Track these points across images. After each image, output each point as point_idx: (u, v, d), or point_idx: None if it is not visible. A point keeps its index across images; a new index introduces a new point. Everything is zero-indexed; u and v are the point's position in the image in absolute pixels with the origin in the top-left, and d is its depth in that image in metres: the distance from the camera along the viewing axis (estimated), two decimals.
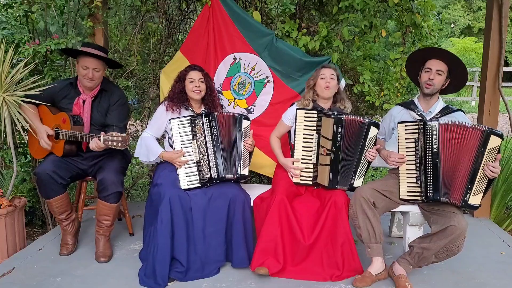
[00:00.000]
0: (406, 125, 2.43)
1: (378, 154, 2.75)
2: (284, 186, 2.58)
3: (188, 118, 2.58)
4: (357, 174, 2.55)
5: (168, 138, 2.74)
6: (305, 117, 2.57)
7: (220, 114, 2.65)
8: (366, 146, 2.52)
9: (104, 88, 2.80)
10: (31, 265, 2.62)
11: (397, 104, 2.77)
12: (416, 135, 2.39)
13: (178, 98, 2.71)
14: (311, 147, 2.59)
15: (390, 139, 2.77)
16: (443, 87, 2.56)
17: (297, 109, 2.60)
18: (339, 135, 2.48)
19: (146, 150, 2.68)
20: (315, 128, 2.57)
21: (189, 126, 2.58)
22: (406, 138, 2.43)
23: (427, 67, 2.53)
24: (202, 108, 2.79)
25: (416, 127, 2.38)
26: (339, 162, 2.52)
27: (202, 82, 2.72)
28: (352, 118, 2.52)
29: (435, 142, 2.33)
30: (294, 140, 2.63)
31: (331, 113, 2.52)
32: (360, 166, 2.55)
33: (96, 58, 2.69)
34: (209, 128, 2.60)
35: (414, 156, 2.41)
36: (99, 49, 2.76)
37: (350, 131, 2.51)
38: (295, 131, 2.61)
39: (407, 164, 2.44)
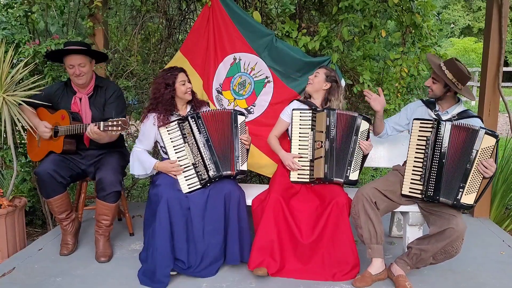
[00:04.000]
0: (421, 123, 2.45)
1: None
2: (280, 185, 2.61)
3: (176, 123, 2.56)
4: (352, 166, 2.60)
5: (161, 147, 2.71)
6: (300, 116, 2.69)
7: (205, 113, 2.61)
8: (359, 139, 2.60)
9: (98, 84, 2.80)
10: (31, 265, 2.62)
11: (420, 99, 2.74)
12: (428, 134, 2.40)
13: (167, 108, 2.61)
14: (307, 145, 2.67)
15: (392, 132, 2.76)
16: (447, 94, 2.49)
17: (293, 109, 2.71)
18: (332, 128, 2.61)
19: (140, 164, 2.64)
20: (310, 126, 2.67)
21: (178, 130, 2.56)
22: (418, 136, 2.45)
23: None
24: (188, 108, 2.75)
25: (430, 126, 2.40)
26: (333, 154, 2.60)
27: (189, 82, 2.69)
28: (344, 112, 2.66)
29: (445, 143, 2.34)
30: (291, 138, 2.70)
31: (323, 108, 2.66)
32: (355, 159, 2.61)
33: (78, 54, 2.67)
34: (197, 129, 2.58)
35: (423, 154, 2.42)
36: (79, 43, 2.76)
37: (342, 124, 2.63)
38: (291, 130, 2.70)
39: (414, 161, 2.45)
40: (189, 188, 2.54)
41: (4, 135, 2.88)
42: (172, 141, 2.57)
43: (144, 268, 2.47)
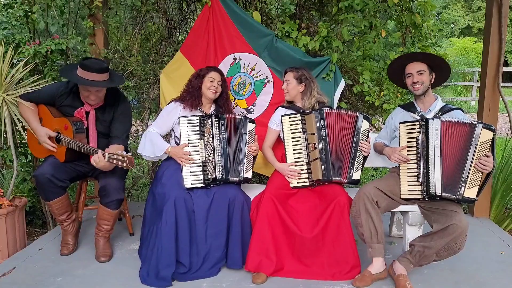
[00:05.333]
0: (407, 125, 2.47)
1: (374, 150, 2.85)
2: (274, 185, 2.61)
3: (198, 117, 2.60)
4: (355, 166, 2.58)
5: (175, 136, 2.75)
6: (290, 121, 2.66)
7: (229, 116, 2.67)
8: (360, 138, 2.57)
9: (109, 100, 2.71)
10: (32, 265, 2.62)
11: (398, 106, 2.81)
12: (417, 134, 2.41)
13: (194, 96, 2.72)
14: (301, 149, 2.64)
15: (390, 142, 2.78)
16: (432, 82, 2.60)
17: (281, 116, 2.68)
18: (323, 128, 2.57)
19: (152, 146, 2.66)
20: (301, 129, 2.64)
21: (197, 125, 2.59)
22: (407, 138, 2.46)
23: (407, 73, 2.60)
24: (213, 109, 2.81)
25: (418, 126, 2.42)
26: (328, 154, 2.58)
27: (220, 84, 2.76)
28: (335, 111, 2.62)
29: (437, 140, 2.36)
30: (284, 145, 2.68)
31: (311, 110, 2.63)
32: (357, 157, 2.58)
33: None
34: (217, 130, 2.61)
35: (415, 155, 2.43)
36: (99, 70, 2.53)
37: (336, 124, 2.59)
38: (283, 137, 2.68)
39: (408, 163, 2.46)
40: (191, 184, 2.55)
41: (4, 135, 2.88)
42: (188, 134, 2.59)
43: (147, 268, 2.45)
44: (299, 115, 2.65)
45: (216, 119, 2.62)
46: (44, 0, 3.13)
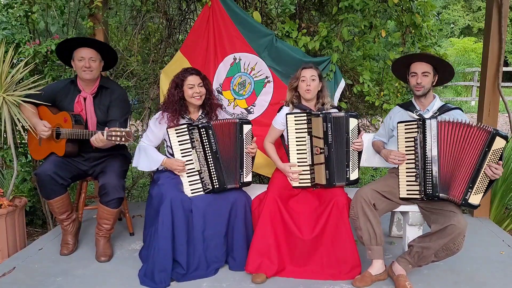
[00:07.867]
0: (405, 125, 2.46)
1: (372, 148, 2.84)
2: (278, 186, 2.60)
3: (186, 127, 2.54)
4: (350, 167, 2.57)
5: (167, 146, 2.70)
6: (295, 121, 2.61)
7: (217, 123, 2.57)
8: (350, 138, 2.55)
9: (103, 85, 2.78)
10: (32, 264, 2.63)
11: (397, 105, 2.80)
12: (415, 134, 2.41)
13: (177, 109, 2.60)
14: (305, 149, 2.62)
15: (388, 140, 2.78)
16: (433, 84, 2.59)
17: (286, 114, 2.63)
18: (329, 133, 2.53)
19: (147, 159, 2.63)
20: (306, 130, 2.61)
21: (187, 134, 2.55)
22: (405, 138, 2.46)
23: (412, 72, 2.58)
24: (200, 112, 2.72)
25: (415, 126, 2.41)
26: (332, 158, 2.56)
27: (201, 86, 2.63)
28: (337, 114, 2.57)
29: (434, 140, 2.35)
30: (288, 144, 2.65)
31: (319, 112, 2.57)
32: (351, 158, 2.57)
33: (90, 48, 2.69)
34: (206, 140, 2.53)
35: (413, 155, 2.43)
36: (91, 39, 2.78)
37: (336, 127, 2.55)
38: (287, 135, 2.64)
39: (406, 163, 2.46)
40: (192, 193, 2.54)
41: (4, 135, 2.88)
42: (179, 144, 2.55)
43: (145, 268, 2.46)
44: (305, 115, 2.60)
45: (203, 130, 2.51)
46: (44, 0, 3.13)
